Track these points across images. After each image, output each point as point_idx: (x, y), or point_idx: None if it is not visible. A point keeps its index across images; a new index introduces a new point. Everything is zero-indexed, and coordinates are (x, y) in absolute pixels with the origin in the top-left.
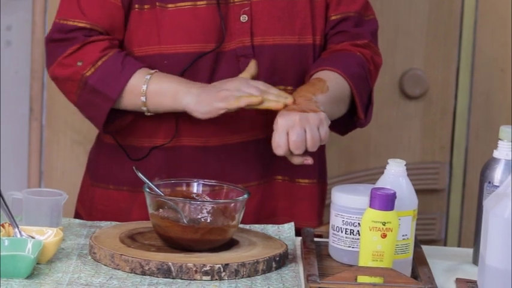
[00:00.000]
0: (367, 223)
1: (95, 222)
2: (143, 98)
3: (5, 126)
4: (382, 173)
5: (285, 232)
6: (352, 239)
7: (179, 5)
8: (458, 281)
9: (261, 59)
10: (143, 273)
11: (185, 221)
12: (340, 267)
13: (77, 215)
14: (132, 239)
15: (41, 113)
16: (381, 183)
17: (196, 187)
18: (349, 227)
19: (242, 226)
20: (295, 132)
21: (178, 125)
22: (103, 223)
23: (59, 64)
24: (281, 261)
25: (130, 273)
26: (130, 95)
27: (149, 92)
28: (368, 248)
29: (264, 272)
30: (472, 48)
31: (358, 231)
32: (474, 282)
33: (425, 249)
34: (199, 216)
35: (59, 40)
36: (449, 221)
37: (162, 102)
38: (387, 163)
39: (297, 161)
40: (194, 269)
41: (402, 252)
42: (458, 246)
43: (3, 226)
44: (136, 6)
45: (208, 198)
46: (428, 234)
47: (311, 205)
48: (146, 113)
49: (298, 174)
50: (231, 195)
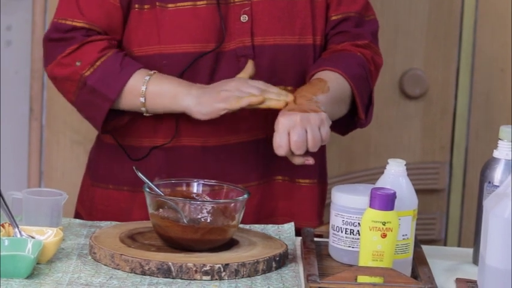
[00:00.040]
0: (367, 223)
1: (95, 222)
2: (142, 98)
3: (5, 126)
4: (382, 173)
5: (285, 232)
6: (352, 239)
7: (179, 5)
8: (458, 281)
9: (261, 59)
10: (143, 273)
11: (185, 221)
12: (340, 267)
13: (77, 215)
14: (132, 239)
15: (41, 113)
16: (380, 183)
17: (196, 187)
18: (349, 227)
19: (242, 226)
20: (296, 132)
21: (178, 125)
22: (103, 223)
23: (57, 64)
24: (281, 261)
25: (130, 273)
26: (129, 95)
27: (148, 93)
28: (368, 248)
29: (264, 272)
30: (472, 48)
31: (358, 231)
32: (474, 282)
33: (425, 249)
34: (199, 216)
35: (57, 39)
36: (449, 221)
37: (162, 103)
38: (387, 163)
39: (298, 161)
40: (194, 269)
41: (402, 252)
42: (458, 246)
43: (3, 226)
44: (136, 6)
45: (208, 198)
46: (428, 234)
47: (311, 205)
48: (145, 114)
49: (298, 174)
50: (231, 195)
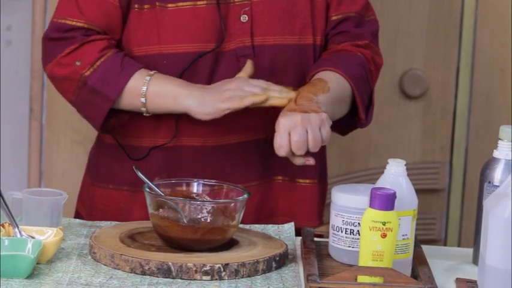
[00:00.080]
0: (367, 223)
1: (95, 222)
2: (143, 99)
3: (5, 126)
4: (382, 173)
5: (285, 232)
6: (352, 238)
7: (179, 4)
8: (458, 281)
9: (261, 59)
10: (143, 273)
11: (185, 221)
12: (340, 267)
13: (78, 215)
14: (132, 238)
15: (41, 113)
16: (380, 183)
17: (196, 187)
18: (349, 227)
19: (242, 226)
20: (297, 132)
21: (178, 125)
22: (103, 223)
23: (56, 63)
24: (281, 261)
25: (130, 273)
26: (129, 95)
27: (149, 93)
28: (368, 247)
29: (264, 271)
30: (472, 48)
31: (358, 231)
32: (474, 282)
33: (425, 249)
34: (199, 216)
35: (57, 39)
36: (449, 221)
37: (162, 103)
38: (387, 163)
39: (298, 161)
40: (194, 268)
41: (402, 252)
42: (458, 246)
43: (3, 226)
44: (136, 6)
45: (208, 198)
46: (428, 234)
47: (311, 205)
48: (145, 114)
49: (298, 174)
50: (231, 195)
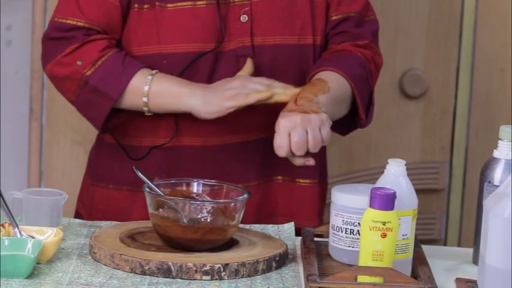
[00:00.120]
0: (367, 223)
1: (95, 222)
2: (145, 98)
3: (5, 126)
4: (382, 172)
5: (285, 232)
6: (352, 238)
7: (179, 4)
8: (458, 280)
9: (261, 59)
10: (143, 273)
11: (185, 221)
12: (340, 267)
13: (78, 215)
14: (132, 238)
15: (41, 113)
16: (380, 183)
17: (196, 187)
18: (349, 227)
19: (242, 226)
20: (297, 133)
21: (178, 125)
22: (103, 223)
23: (57, 63)
24: (281, 261)
25: (131, 273)
26: (131, 95)
27: (151, 92)
28: (368, 247)
29: (264, 271)
30: (472, 48)
31: (358, 231)
32: (474, 282)
33: (425, 249)
34: (199, 216)
35: (57, 38)
36: (449, 221)
37: (165, 103)
38: (387, 163)
39: (298, 162)
40: (194, 268)
41: (402, 252)
42: (458, 246)
43: (3, 226)
44: (136, 5)
45: (208, 198)
46: (428, 234)
47: (311, 205)
48: (147, 113)
49: (298, 174)
50: (231, 195)
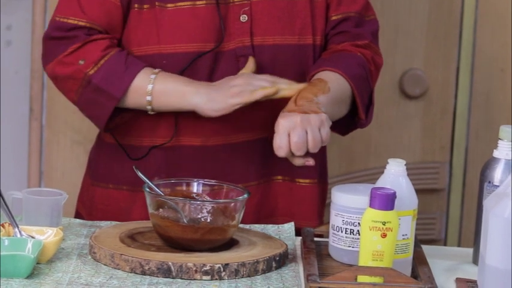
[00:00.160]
0: (367, 223)
1: (95, 222)
2: (149, 97)
3: (5, 126)
4: (382, 172)
5: (285, 232)
6: (352, 238)
7: (178, 4)
8: (458, 280)
9: (261, 59)
10: (143, 273)
11: (185, 221)
12: (340, 267)
13: (78, 215)
14: (132, 238)
15: (41, 113)
16: (380, 183)
17: (196, 187)
18: (349, 227)
19: (242, 226)
20: (297, 133)
21: (178, 124)
22: (103, 223)
23: (59, 62)
24: (281, 261)
25: (130, 273)
26: (134, 94)
27: (155, 91)
28: (368, 247)
29: (264, 271)
30: (472, 48)
31: (358, 231)
32: (474, 282)
33: (425, 249)
34: (199, 216)
35: (58, 38)
36: (449, 221)
37: (169, 101)
38: (387, 163)
39: (298, 162)
40: (194, 268)
41: (402, 252)
42: (458, 246)
43: (3, 226)
44: (136, 5)
45: (208, 198)
46: (428, 234)
47: (311, 205)
48: (150, 112)
49: (298, 174)
50: (231, 195)
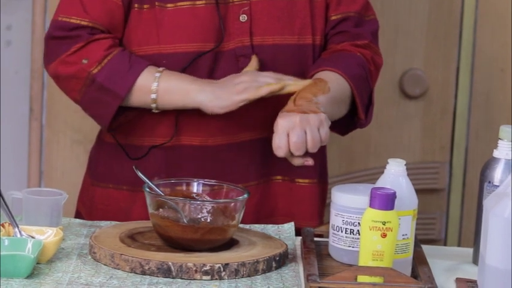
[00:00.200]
0: (367, 223)
1: (95, 222)
2: (154, 95)
3: (5, 126)
4: (382, 172)
5: (285, 232)
6: (352, 238)
7: (178, 4)
8: (458, 280)
9: (261, 59)
10: (143, 273)
11: (185, 221)
12: (340, 266)
13: (78, 215)
14: (132, 238)
15: (41, 113)
16: (380, 183)
17: (196, 187)
18: (349, 227)
19: (242, 226)
20: (296, 133)
21: (178, 124)
22: (103, 223)
23: (61, 62)
24: (281, 260)
25: (130, 272)
26: (139, 92)
27: (160, 89)
28: (368, 247)
29: (264, 271)
30: (472, 48)
31: (358, 230)
32: (474, 282)
33: (425, 249)
34: (199, 216)
35: (61, 38)
36: (449, 221)
37: (173, 99)
38: (387, 163)
39: (297, 162)
40: (194, 268)
41: (402, 251)
42: (458, 246)
43: (3, 226)
44: (136, 5)
45: (208, 198)
46: (428, 234)
47: (311, 205)
48: (154, 110)
49: (298, 174)
50: (231, 195)
